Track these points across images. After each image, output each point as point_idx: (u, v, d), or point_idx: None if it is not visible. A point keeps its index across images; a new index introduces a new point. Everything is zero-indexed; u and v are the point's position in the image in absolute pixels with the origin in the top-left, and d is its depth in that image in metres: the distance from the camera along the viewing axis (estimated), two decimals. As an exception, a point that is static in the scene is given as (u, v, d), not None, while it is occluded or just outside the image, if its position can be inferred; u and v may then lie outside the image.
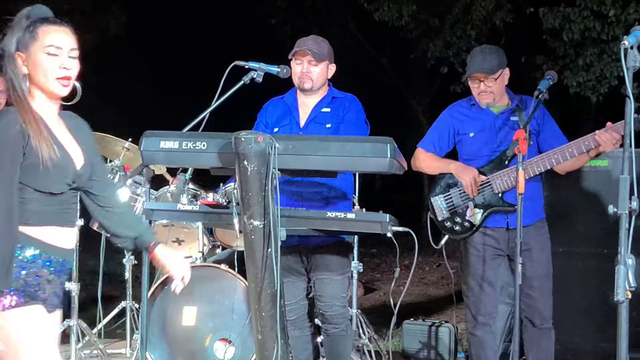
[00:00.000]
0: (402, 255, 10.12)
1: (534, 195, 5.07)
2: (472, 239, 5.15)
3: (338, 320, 4.94)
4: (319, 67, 4.95)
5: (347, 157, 4.04)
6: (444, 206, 5.20)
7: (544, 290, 5.12)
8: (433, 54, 12.43)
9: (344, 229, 4.36)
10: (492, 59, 5.04)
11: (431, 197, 5.26)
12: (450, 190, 5.19)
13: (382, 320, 9.16)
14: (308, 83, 4.95)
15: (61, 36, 3.23)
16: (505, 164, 5.02)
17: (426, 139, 5.36)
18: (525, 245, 4.98)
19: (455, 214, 5.17)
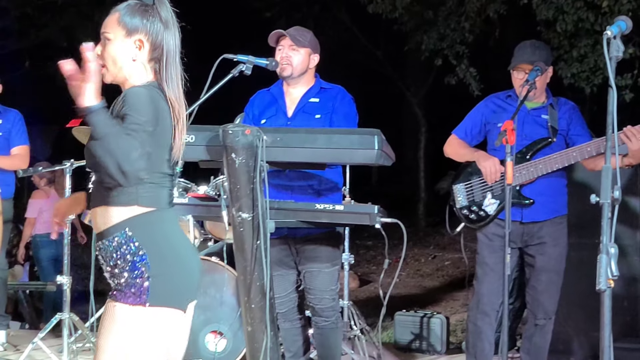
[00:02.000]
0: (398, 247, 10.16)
1: (553, 191, 5.12)
2: (485, 229, 5.19)
3: (328, 314, 4.94)
4: (300, 53, 4.93)
5: (335, 149, 4.06)
6: (464, 194, 5.24)
7: (551, 285, 5.15)
8: (427, 46, 12.42)
9: (332, 221, 4.37)
10: (541, 54, 5.09)
11: (453, 185, 5.30)
12: (471, 179, 5.23)
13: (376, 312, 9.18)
14: (287, 69, 4.91)
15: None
16: (527, 158, 5.05)
17: (460, 126, 5.40)
18: (539, 239, 5.09)
19: (473, 202, 5.20)
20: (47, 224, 9.67)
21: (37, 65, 16.33)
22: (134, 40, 3.07)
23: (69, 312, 5.78)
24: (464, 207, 5.23)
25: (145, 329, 2.95)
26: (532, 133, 5.09)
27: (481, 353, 5.20)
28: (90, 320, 6.10)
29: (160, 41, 3.10)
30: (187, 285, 3.08)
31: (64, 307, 5.74)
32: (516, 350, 6.21)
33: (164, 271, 2.97)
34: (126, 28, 3.07)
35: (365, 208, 4.25)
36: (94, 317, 6.06)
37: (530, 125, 5.11)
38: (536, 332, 5.19)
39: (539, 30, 11.00)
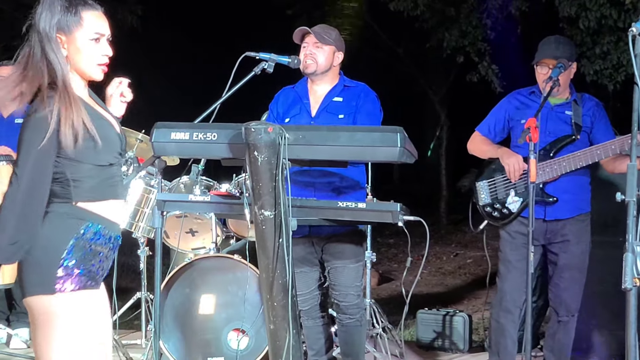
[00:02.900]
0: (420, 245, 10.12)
1: (576, 189, 5.12)
2: (508, 226, 5.19)
3: (353, 311, 4.95)
4: (324, 50, 4.94)
5: (357, 146, 4.04)
6: (487, 191, 5.23)
7: (574, 282, 5.14)
8: (449, 43, 12.38)
9: (355, 219, 4.36)
10: (565, 49, 5.10)
11: (476, 182, 5.29)
12: (494, 176, 5.22)
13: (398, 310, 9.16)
14: (311, 67, 4.92)
15: (102, 22, 3.27)
16: (551, 155, 5.03)
17: (483, 123, 5.40)
18: (563, 236, 5.10)
19: (496, 200, 5.20)
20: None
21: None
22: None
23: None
24: (487, 205, 5.22)
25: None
26: (556, 130, 5.07)
27: (504, 350, 5.19)
28: (114, 318, 6.10)
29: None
30: None
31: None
32: (539, 349, 6.18)
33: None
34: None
35: (388, 206, 4.23)
36: (117, 314, 6.07)
37: (553, 122, 5.09)
38: (559, 329, 5.18)
39: (561, 27, 10.93)
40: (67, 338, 3.14)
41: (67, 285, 3.12)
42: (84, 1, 3.25)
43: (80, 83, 3.30)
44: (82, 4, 3.23)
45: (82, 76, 3.29)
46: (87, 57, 3.23)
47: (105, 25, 3.27)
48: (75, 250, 3.15)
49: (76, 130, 3.11)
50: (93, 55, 3.24)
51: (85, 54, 3.23)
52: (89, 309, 3.18)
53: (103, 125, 3.26)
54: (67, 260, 3.12)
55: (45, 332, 3.16)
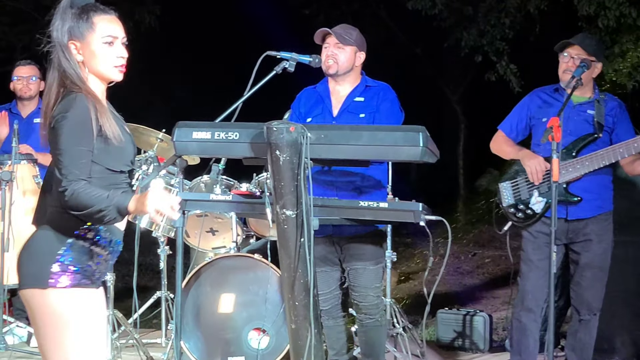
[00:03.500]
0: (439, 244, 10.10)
1: (598, 188, 5.10)
2: (531, 226, 5.16)
3: (372, 311, 4.94)
4: (345, 50, 4.93)
5: (379, 146, 4.04)
6: (510, 192, 5.22)
7: (596, 281, 5.13)
8: (467, 42, 12.35)
9: (376, 218, 4.36)
10: (592, 44, 5.12)
11: (499, 183, 5.28)
12: (517, 177, 5.21)
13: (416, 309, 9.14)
14: (333, 67, 4.93)
15: (115, 25, 3.30)
16: (573, 155, 5.02)
17: (506, 121, 5.38)
18: (585, 236, 5.08)
19: (519, 201, 5.18)
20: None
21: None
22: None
23: (113, 308, 5.80)
24: (510, 206, 5.20)
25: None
26: (578, 129, 5.06)
27: (526, 350, 5.17)
28: (134, 317, 6.12)
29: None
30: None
31: (107, 303, 5.75)
32: (560, 349, 6.15)
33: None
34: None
35: (410, 205, 4.22)
36: (137, 313, 6.08)
37: (575, 121, 5.07)
38: (581, 328, 5.16)
39: (580, 26, 10.89)
40: (61, 333, 3.20)
41: (61, 280, 3.17)
42: (95, 7, 3.30)
43: (100, 87, 3.34)
44: (94, 9, 3.29)
45: (102, 79, 3.33)
46: (102, 60, 3.27)
47: (118, 28, 3.31)
48: (74, 248, 3.20)
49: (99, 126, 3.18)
50: (108, 57, 3.28)
51: (100, 58, 3.27)
52: (83, 306, 3.22)
53: (121, 131, 3.30)
54: (63, 257, 3.18)
55: (41, 326, 3.25)
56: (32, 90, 6.80)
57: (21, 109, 6.81)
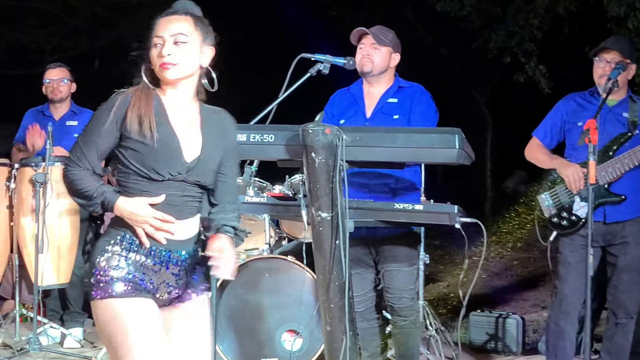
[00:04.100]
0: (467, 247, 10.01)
1: (636, 191, 5.06)
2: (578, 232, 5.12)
3: (407, 313, 4.93)
4: (381, 51, 4.94)
5: (415, 148, 4.04)
6: (551, 203, 5.19)
7: (633, 284, 5.11)
8: (495, 44, 12.31)
9: (411, 221, 4.36)
10: (626, 46, 5.10)
11: (538, 195, 5.27)
12: (555, 187, 5.18)
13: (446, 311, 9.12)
14: (368, 66, 4.92)
15: (164, 25, 3.27)
16: (610, 155, 5.00)
17: (540, 126, 5.37)
18: (622, 238, 5.06)
19: (562, 209, 5.14)
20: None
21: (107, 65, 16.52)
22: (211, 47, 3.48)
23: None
24: (553, 215, 5.17)
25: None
26: (613, 131, 5.04)
27: (562, 353, 5.15)
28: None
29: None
30: None
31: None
32: (593, 352, 6.12)
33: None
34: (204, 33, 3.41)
35: (445, 208, 4.23)
36: (170, 314, 6.10)
37: (611, 124, 5.05)
38: (617, 331, 5.14)
39: (609, 27, 10.83)
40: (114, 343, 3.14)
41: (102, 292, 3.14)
42: (167, 10, 3.33)
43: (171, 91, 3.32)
44: (164, 13, 3.32)
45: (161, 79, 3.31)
46: (153, 61, 3.27)
47: (167, 27, 3.26)
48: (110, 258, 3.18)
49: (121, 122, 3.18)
50: (154, 58, 3.27)
51: (151, 59, 3.27)
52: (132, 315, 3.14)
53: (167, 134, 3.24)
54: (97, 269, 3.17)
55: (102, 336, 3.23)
56: (63, 93, 6.83)
57: (53, 112, 6.85)
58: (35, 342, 5.78)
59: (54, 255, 5.99)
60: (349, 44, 5.06)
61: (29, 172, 5.96)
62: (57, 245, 6.01)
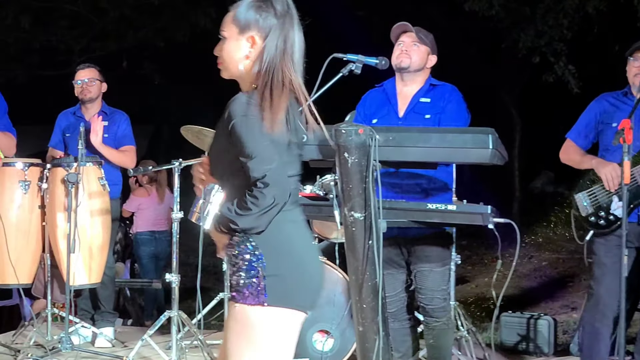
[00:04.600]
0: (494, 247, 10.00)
1: None
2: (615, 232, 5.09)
3: (439, 314, 4.90)
4: (420, 49, 4.93)
5: (448, 148, 4.03)
6: (588, 202, 5.15)
7: None
8: (524, 43, 12.26)
9: (444, 221, 4.34)
10: None
11: (574, 194, 5.22)
12: (592, 186, 5.14)
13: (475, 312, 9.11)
14: (406, 61, 4.90)
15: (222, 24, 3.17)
16: None
17: (574, 128, 5.34)
18: None
19: (599, 208, 5.10)
20: (148, 222, 9.84)
21: (134, 65, 16.59)
22: (246, 38, 3.05)
23: (177, 309, 5.83)
24: (590, 215, 5.12)
25: (266, 329, 2.93)
26: None
27: (597, 355, 5.11)
28: (198, 317, 6.15)
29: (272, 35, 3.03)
30: (306, 287, 3.03)
31: (172, 304, 5.80)
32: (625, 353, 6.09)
33: (281, 271, 2.94)
34: (239, 25, 3.06)
35: (478, 208, 4.21)
36: (201, 314, 6.12)
37: None
38: None
39: (639, 27, 10.78)
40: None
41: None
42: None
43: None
44: None
45: None
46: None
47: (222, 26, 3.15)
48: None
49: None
50: None
51: None
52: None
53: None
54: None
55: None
56: (93, 93, 6.85)
57: (85, 112, 6.88)
58: (67, 341, 5.79)
59: (86, 255, 6.01)
60: (376, 43, 5.05)
61: (61, 172, 5.98)
62: (89, 245, 6.04)
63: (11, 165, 6.16)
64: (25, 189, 6.13)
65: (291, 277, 2.97)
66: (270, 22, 3.02)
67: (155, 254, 9.87)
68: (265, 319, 2.93)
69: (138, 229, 9.87)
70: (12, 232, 6.11)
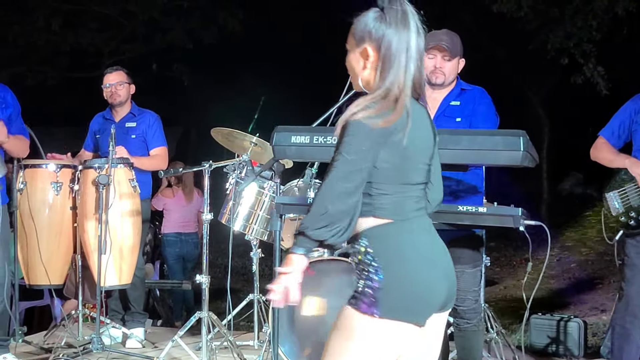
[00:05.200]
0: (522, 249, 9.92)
1: None
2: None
3: (470, 315, 4.89)
4: (452, 62, 4.91)
5: (479, 150, 4.02)
6: (619, 201, 5.13)
7: None
8: (553, 45, 12.22)
9: (475, 223, 4.32)
10: None
11: (605, 193, 5.20)
12: (624, 185, 5.12)
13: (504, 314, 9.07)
14: (440, 78, 4.91)
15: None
16: None
17: (607, 126, 5.31)
18: None
19: (630, 208, 5.08)
20: (174, 223, 9.89)
21: (163, 67, 16.68)
22: (361, 50, 3.05)
23: (207, 310, 5.85)
24: (621, 214, 5.11)
25: (372, 339, 2.90)
26: None
27: (627, 356, 5.09)
28: (227, 318, 6.18)
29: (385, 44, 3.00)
30: (422, 299, 2.95)
31: (202, 305, 5.82)
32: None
33: (396, 284, 2.89)
34: (355, 38, 3.07)
35: (509, 210, 4.19)
36: (231, 314, 6.14)
37: None
38: None
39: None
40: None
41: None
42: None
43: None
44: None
45: None
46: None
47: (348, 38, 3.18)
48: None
49: None
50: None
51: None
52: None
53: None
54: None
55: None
56: (122, 96, 6.88)
57: (114, 115, 6.92)
58: (98, 341, 5.83)
59: (116, 256, 6.04)
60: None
61: (92, 173, 6.02)
62: (120, 246, 6.07)
63: (43, 167, 6.22)
64: (57, 191, 6.18)
65: (407, 290, 2.92)
66: (382, 32, 3.00)
67: (181, 255, 9.92)
68: (372, 329, 2.89)
69: (165, 230, 9.93)
70: (44, 233, 6.16)
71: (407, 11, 3.03)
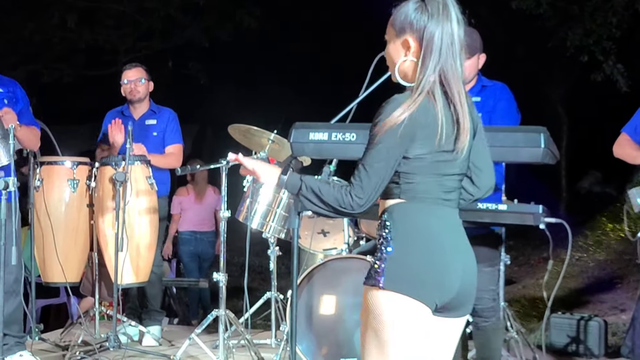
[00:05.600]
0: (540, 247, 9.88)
1: None
2: None
3: (488, 314, 4.85)
4: (472, 60, 4.85)
5: (499, 147, 3.98)
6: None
7: None
8: (572, 42, 12.14)
9: (495, 221, 4.29)
10: None
11: (628, 190, 5.15)
12: None
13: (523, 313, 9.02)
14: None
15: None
16: None
17: (630, 122, 5.28)
18: None
19: None
20: (189, 221, 9.87)
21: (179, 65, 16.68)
22: (402, 41, 3.02)
23: (225, 308, 5.81)
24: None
25: (381, 312, 2.87)
26: None
27: None
28: (245, 316, 6.15)
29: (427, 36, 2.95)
30: (428, 278, 2.90)
31: (220, 303, 5.79)
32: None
33: (402, 257, 2.88)
34: (395, 29, 3.04)
35: (530, 208, 4.16)
36: (248, 313, 6.11)
37: None
38: None
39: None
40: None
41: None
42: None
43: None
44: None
45: None
46: None
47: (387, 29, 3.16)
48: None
49: None
50: None
51: None
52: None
53: None
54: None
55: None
56: (141, 93, 6.85)
57: (133, 112, 6.89)
58: (115, 339, 5.80)
59: (133, 253, 6.03)
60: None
61: (109, 171, 6.00)
62: (137, 243, 6.05)
63: (60, 164, 6.21)
64: (73, 188, 6.17)
65: (416, 266, 2.89)
66: (423, 24, 2.96)
67: (196, 253, 9.89)
68: (379, 301, 2.88)
69: (180, 228, 9.91)
70: (61, 231, 6.15)
71: (448, 2, 2.98)
